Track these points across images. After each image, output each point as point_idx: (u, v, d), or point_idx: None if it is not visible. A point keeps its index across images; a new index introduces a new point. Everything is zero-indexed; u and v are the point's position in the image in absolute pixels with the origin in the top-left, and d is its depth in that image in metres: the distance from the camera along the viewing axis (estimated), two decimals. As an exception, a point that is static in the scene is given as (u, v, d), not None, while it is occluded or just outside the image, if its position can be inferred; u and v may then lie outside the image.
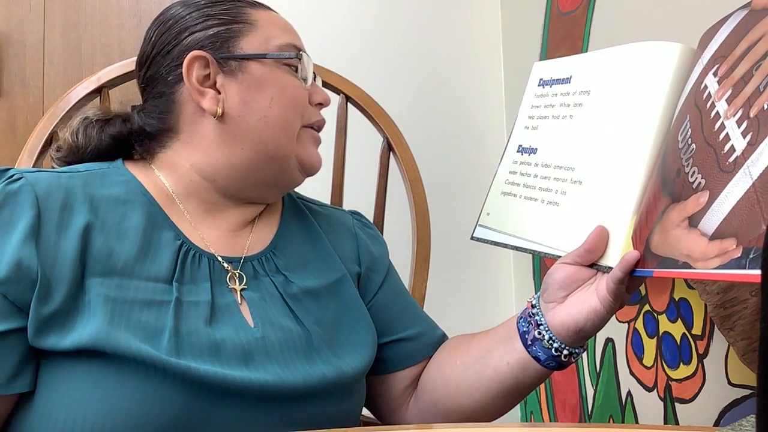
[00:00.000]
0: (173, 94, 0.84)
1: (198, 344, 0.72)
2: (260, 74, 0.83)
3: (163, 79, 0.85)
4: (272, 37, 0.85)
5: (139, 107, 0.88)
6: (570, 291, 0.76)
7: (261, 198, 0.88)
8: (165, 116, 0.85)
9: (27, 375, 0.70)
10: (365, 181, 1.32)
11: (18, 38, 1.65)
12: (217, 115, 0.82)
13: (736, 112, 0.58)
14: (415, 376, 0.92)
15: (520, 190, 0.87)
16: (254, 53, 0.84)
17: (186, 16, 0.86)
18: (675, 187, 0.64)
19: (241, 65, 0.83)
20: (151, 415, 0.68)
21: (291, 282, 0.84)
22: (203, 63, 0.83)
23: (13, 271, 0.69)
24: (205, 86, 0.83)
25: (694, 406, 1.02)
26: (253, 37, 0.85)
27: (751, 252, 0.51)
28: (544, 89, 0.90)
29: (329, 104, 0.91)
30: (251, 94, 0.83)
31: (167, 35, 0.86)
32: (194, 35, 0.84)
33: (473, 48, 1.77)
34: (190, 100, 0.83)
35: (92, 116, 0.89)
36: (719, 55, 0.65)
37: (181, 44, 0.84)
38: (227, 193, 0.85)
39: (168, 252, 0.78)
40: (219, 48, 0.83)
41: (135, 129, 0.86)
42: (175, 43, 0.85)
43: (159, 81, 0.86)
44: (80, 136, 0.88)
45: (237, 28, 0.85)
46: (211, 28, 0.84)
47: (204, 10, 0.86)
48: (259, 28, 0.85)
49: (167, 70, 0.85)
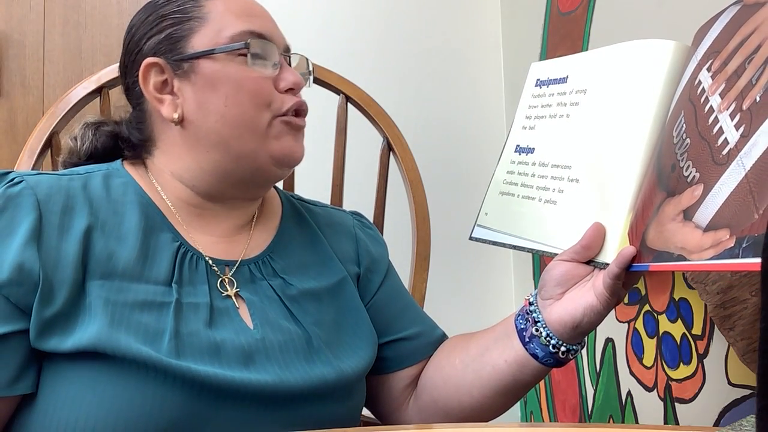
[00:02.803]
0: (142, 104, 0.84)
1: (198, 346, 0.72)
2: (211, 71, 0.80)
3: (132, 90, 0.85)
4: (223, 27, 0.81)
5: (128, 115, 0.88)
6: (567, 288, 0.76)
7: (247, 195, 0.86)
8: (142, 127, 0.85)
9: (29, 377, 0.70)
10: (365, 181, 1.32)
11: (18, 38, 1.66)
12: (176, 120, 0.80)
13: (729, 106, 0.59)
14: (414, 375, 0.92)
15: (517, 189, 0.87)
16: (203, 50, 0.80)
17: (144, 20, 0.84)
18: (670, 181, 0.65)
19: (192, 65, 0.80)
20: (151, 417, 0.68)
21: (290, 284, 0.84)
22: (158, 69, 0.81)
23: (16, 274, 0.69)
24: (164, 93, 0.81)
25: (694, 406, 1.02)
26: (204, 33, 0.81)
27: (744, 241, 0.52)
28: (541, 89, 0.90)
29: (301, 86, 0.84)
30: (205, 95, 0.80)
31: (131, 44, 0.85)
32: (149, 41, 0.83)
33: (473, 48, 1.77)
34: (155, 108, 0.82)
35: (89, 120, 0.90)
36: (713, 51, 0.66)
37: (140, 53, 0.83)
38: (210, 197, 0.84)
39: (167, 254, 0.78)
40: (171, 50, 0.81)
41: (124, 138, 0.87)
42: (136, 51, 0.84)
43: (130, 92, 0.86)
44: (78, 138, 0.88)
45: (188, 26, 0.82)
46: (165, 30, 0.82)
47: (159, 11, 0.83)
48: (209, 21, 0.82)
49: (132, 82, 0.84)
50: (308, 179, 1.24)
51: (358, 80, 1.25)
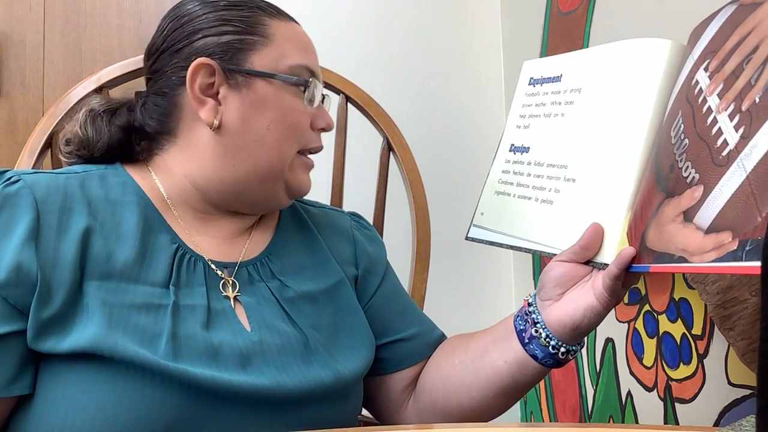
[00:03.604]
0: (175, 96, 0.82)
1: (195, 348, 0.72)
2: (264, 93, 0.81)
3: (168, 78, 0.83)
4: (285, 55, 0.82)
5: (142, 99, 0.86)
6: (566, 288, 0.76)
7: (250, 212, 0.87)
8: (164, 119, 0.83)
9: (26, 378, 0.70)
10: (365, 181, 1.32)
11: (18, 38, 1.66)
12: (214, 126, 0.80)
13: (728, 106, 0.58)
14: (413, 376, 0.92)
15: (513, 189, 0.87)
16: (263, 71, 0.81)
17: (202, 15, 0.83)
18: (669, 182, 0.64)
19: (247, 81, 0.81)
20: (148, 419, 0.68)
21: (287, 286, 0.84)
22: (209, 71, 0.80)
23: (13, 274, 0.69)
24: (207, 95, 0.81)
25: (694, 406, 1.02)
26: (266, 53, 0.82)
27: (747, 244, 0.51)
28: (534, 88, 0.90)
29: (332, 128, 0.88)
30: (252, 112, 0.81)
31: (179, 32, 0.83)
32: (206, 39, 0.81)
33: (473, 48, 1.77)
34: (190, 105, 0.81)
35: (98, 107, 0.87)
36: (710, 51, 0.65)
37: (191, 46, 0.82)
38: (216, 205, 0.84)
39: (164, 255, 0.78)
40: (229, 59, 0.81)
41: (136, 126, 0.85)
42: (186, 42, 0.82)
43: (163, 78, 0.83)
44: (89, 128, 0.85)
45: (251, 41, 0.81)
46: (225, 35, 0.81)
47: (221, 12, 0.83)
48: (273, 44, 0.82)
49: (173, 70, 0.82)
50: (308, 179, 1.24)
51: (358, 80, 1.25)
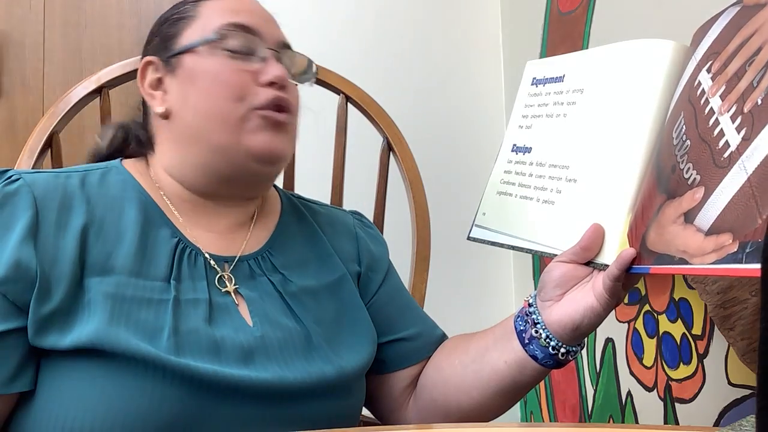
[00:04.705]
0: (145, 103, 0.87)
1: (198, 343, 0.72)
2: (192, 65, 0.81)
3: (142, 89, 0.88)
4: (208, 23, 0.82)
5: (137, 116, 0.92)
6: (566, 289, 0.76)
7: (237, 193, 0.85)
8: (145, 125, 0.88)
9: (27, 374, 0.70)
10: (365, 181, 1.32)
11: (18, 38, 1.66)
12: (163, 115, 0.82)
13: (730, 108, 0.58)
14: (414, 375, 0.92)
15: (515, 189, 0.87)
16: (187, 45, 0.82)
17: (153, 26, 0.89)
18: (670, 183, 0.64)
19: (178, 60, 0.82)
20: (150, 414, 0.68)
21: (289, 281, 0.84)
22: (154, 67, 0.85)
23: (13, 271, 0.69)
24: (158, 90, 0.84)
25: (694, 406, 1.02)
26: (192, 30, 0.83)
27: (748, 246, 0.51)
28: (537, 88, 0.90)
29: (283, 80, 0.81)
30: (186, 88, 0.81)
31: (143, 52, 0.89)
32: (150, 44, 0.87)
33: (473, 48, 1.77)
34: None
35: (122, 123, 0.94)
36: (712, 52, 0.65)
37: (145, 54, 0.87)
38: (202, 194, 0.84)
39: (165, 250, 0.78)
40: (164, 49, 0.84)
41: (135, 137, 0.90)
42: (143, 54, 0.88)
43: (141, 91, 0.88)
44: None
45: (180, 25, 0.84)
46: (162, 31, 0.86)
47: (162, 16, 0.88)
48: (198, 19, 0.84)
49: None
50: (308, 179, 1.25)
51: (358, 80, 1.25)
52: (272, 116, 0.80)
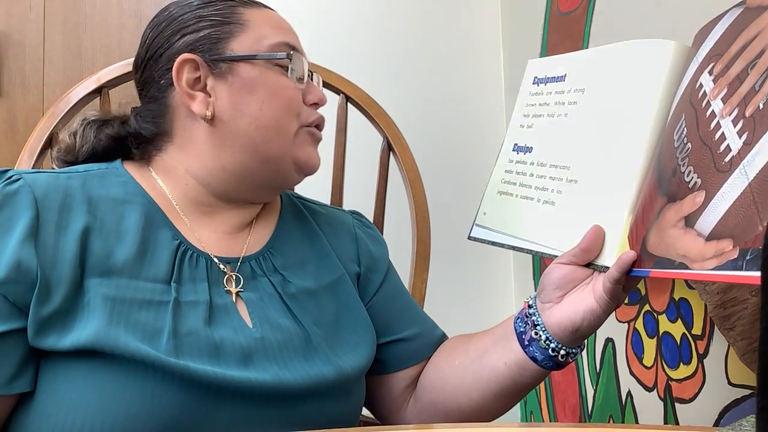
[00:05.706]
0: (166, 98, 0.84)
1: (197, 344, 0.72)
2: (250, 76, 0.82)
3: (156, 83, 0.85)
4: (264, 36, 0.84)
5: (136, 110, 0.88)
6: (566, 291, 0.76)
7: (258, 198, 0.88)
8: (159, 120, 0.85)
9: (27, 375, 0.70)
10: (365, 181, 1.32)
11: (18, 38, 1.65)
12: (207, 118, 0.81)
13: (731, 112, 0.58)
14: (414, 376, 0.92)
15: (516, 189, 0.86)
16: (244, 54, 0.82)
17: (178, 18, 0.85)
18: (671, 186, 0.64)
19: (231, 67, 0.82)
20: (150, 415, 0.68)
21: (289, 282, 0.84)
22: (193, 66, 0.82)
23: (13, 272, 0.69)
24: (195, 89, 0.82)
25: (694, 406, 1.02)
26: (245, 38, 0.83)
27: (748, 253, 0.51)
28: (538, 87, 0.89)
29: (325, 103, 0.89)
30: (241, 97, 0.82)
31: (160, 38, 0.85)
32: (185, 38, 0.84)
33: (473, 48, 1.77)
34: (183, 104, 0.83)
35: (90, 117, 0.90)
36: (714, 54, 0.65)
37: (172, 47, 0.84)
38: (223, 196, 0.85)
39: (166, 252, 0.78)
40: (209, 50, 0.83)
41: (132, 132, 0.86)
42: (167, 46, 0.84)
43: (152, 85, 0.86)
44: (77, 136, 0.88)
45: (228, 29, 0.84)
46: (203, 30, 0.83)
47: (196, 11, 0.85)
48: (250, 28, 0.84)
49: (159, 74, 0.85)
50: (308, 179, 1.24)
51: (358, 80, 1.25)
52: (316, 133, 0.88)
